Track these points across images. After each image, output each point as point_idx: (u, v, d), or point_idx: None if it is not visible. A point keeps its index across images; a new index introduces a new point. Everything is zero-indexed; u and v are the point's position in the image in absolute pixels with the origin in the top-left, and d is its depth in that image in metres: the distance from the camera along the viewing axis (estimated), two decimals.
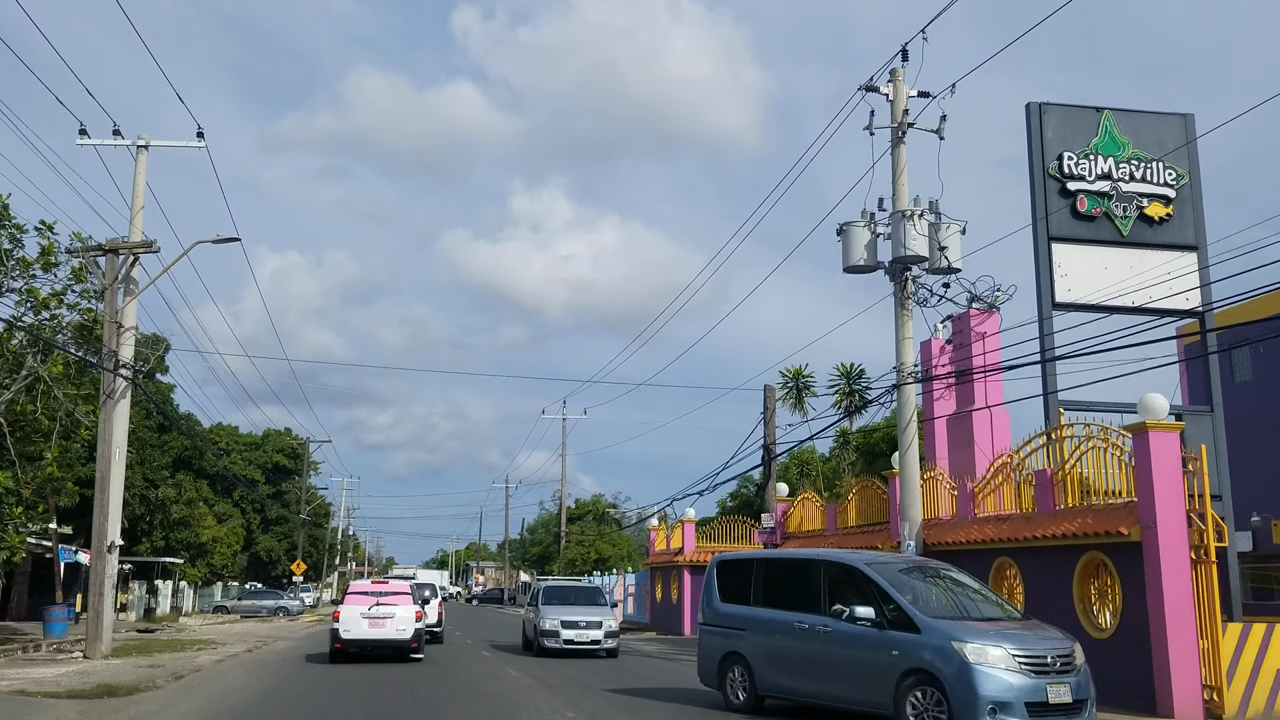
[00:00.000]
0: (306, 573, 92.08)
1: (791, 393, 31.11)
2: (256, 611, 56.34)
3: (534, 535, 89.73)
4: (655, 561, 41.81)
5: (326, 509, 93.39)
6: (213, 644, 30.97)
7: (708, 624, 15.58)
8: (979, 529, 19.18)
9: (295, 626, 45.23)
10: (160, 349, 50.79)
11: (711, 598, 15.56)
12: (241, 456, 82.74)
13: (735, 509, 46.68)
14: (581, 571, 61.01)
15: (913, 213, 21.06)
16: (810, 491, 29.33)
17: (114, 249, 24.58)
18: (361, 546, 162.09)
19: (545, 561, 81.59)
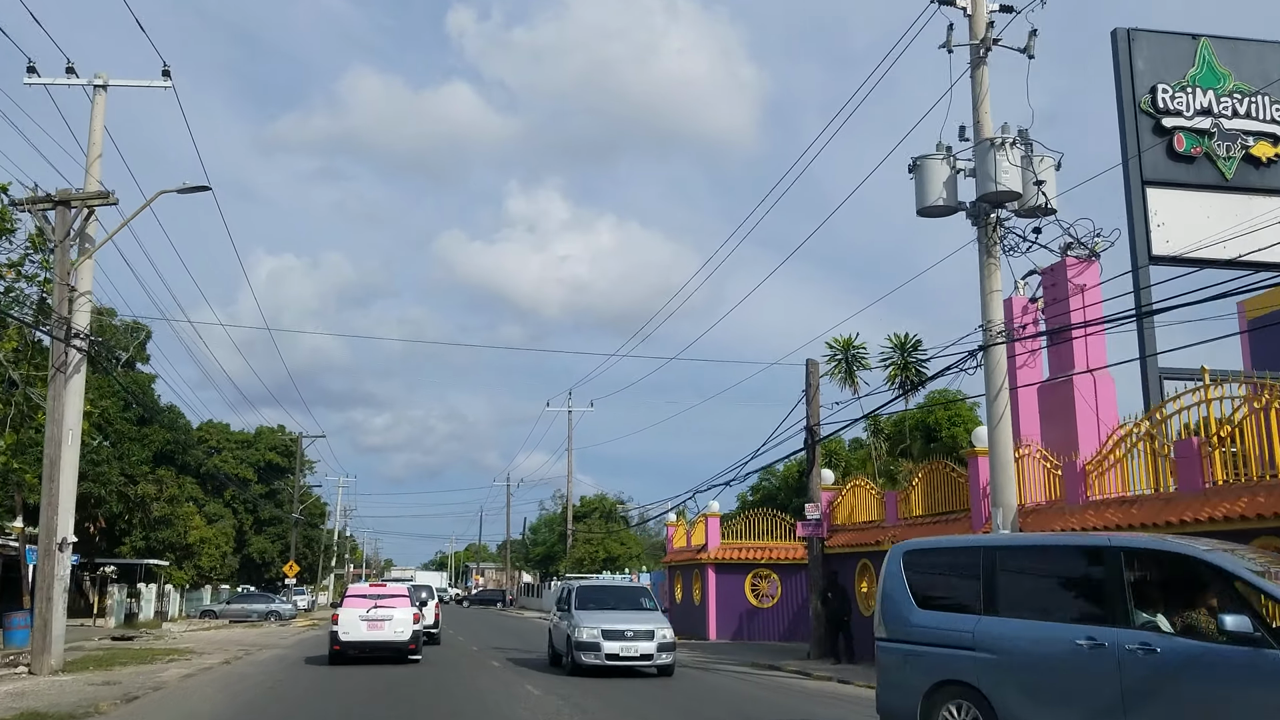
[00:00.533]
0: (301, 575, 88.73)
1: (839, 367, 27.55)
2: (246, 616, 52.87)
3: (537, 535, 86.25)
4: (674, 560, 38.42)
5: (322, 509, 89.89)
6: (189, 654, 27.60)
7: (897, 640, 10.37)
8: (1096, 514, 15.81)
9: (285, 632, 41.81)
10: (140, 336, 47.40)
11: (899, 603, 10.48)
12: (233, 455, 79.24)
13: (757, 503, 43.35)
14: (589, 571, 57.56)
15: (1003, 140, 17.67)
16: (863, 478, 25.90)
17: (65, 200, 21.17)
18: (359, 548, 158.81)
19: (550, 562, 78.13)
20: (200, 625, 47.05)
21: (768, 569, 33.91)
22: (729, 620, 34.17)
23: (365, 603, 22.78)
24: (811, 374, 25.55)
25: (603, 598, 22.14)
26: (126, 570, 50.73)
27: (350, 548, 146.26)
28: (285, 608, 54.30)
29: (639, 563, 57.06)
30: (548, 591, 74.72)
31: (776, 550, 33.97)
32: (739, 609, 34.02)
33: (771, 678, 21.34)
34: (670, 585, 39.27)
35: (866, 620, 23.41)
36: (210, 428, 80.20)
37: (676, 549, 38.96)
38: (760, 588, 34.04)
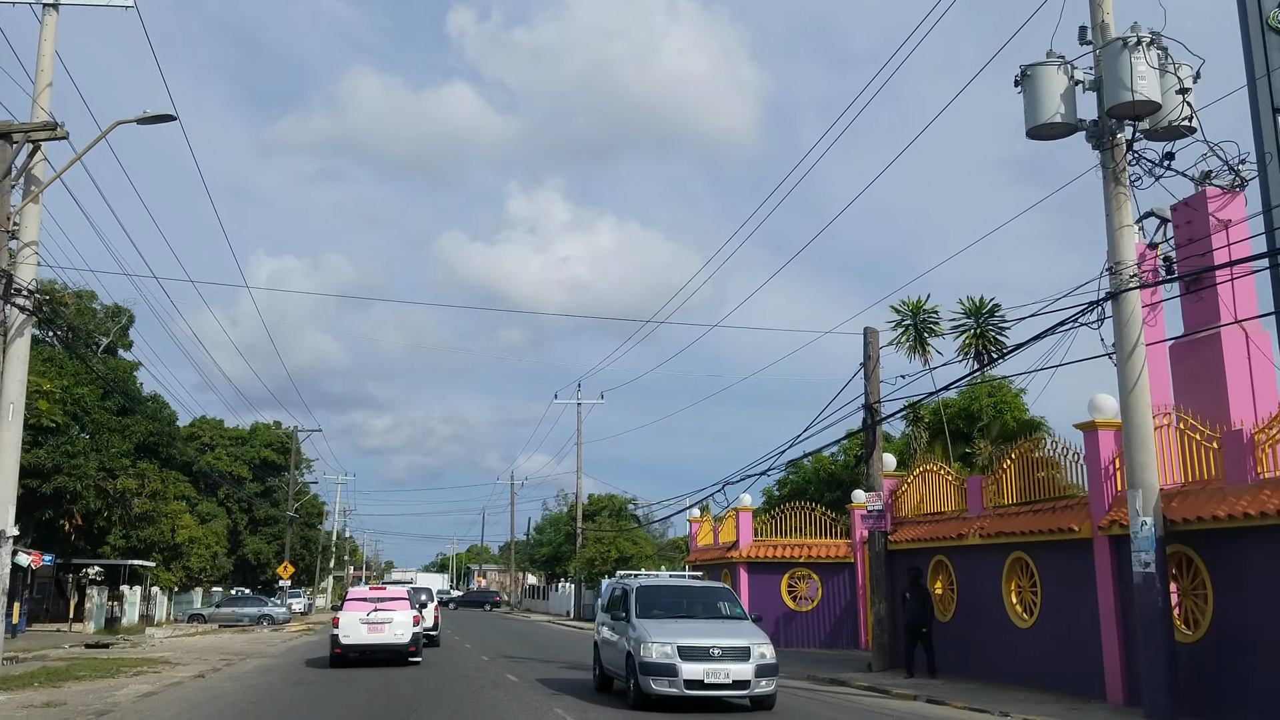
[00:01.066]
0: (298, 577, 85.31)
1: (907, 334, 24.03)
2: (237, 620, 49.56)
3: (542, 534, 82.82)
4: (700, 559, 35.06)
5: (319, 509, 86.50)
6: (161, 664, 24.29)
7: None
8: (1274, 494, 12.47)
9: (276, 638, 38.48)
10: (122, 320, 44.09)
11: None
12: (226, 452, 75.93)
13: (785, 498, 39.97)
14: (601, 572, 54.17)
15: (1137, 40, 14.34)
16: (935, 462, 22.50)
17: (5, 133, 17.85)
18: (359, 550, 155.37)
19: (556, 562, 74.73)
20: (186, 630, 43.71)
21: (806, 568, 30.59)
22: (764, 625, 30.74)
23: (365, 606, 22.76)
24: (870, 344, 22.21)
25: (673, 601, 17.17)
26: (112, 571, 47.45)
27: (350, 549, 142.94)
28: (278, 611, 50.98)
29: (653, 563, 53.67)
30: (554, 594, 71.27)
31: (816, 548, 30.63)
32: (775, 612, 30.67)
33: (841, 695, 18.01)
34: None
35: (944, 626, 20.07)
36: (203, 424, 76.91)
37: (702, 547, 35.61)
38: (799, 589, 30.70)
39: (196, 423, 76.93)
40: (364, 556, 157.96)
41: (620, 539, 55.18)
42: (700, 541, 36.06)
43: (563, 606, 66.66)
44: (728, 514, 33.60)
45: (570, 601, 62.76)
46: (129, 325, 44.48)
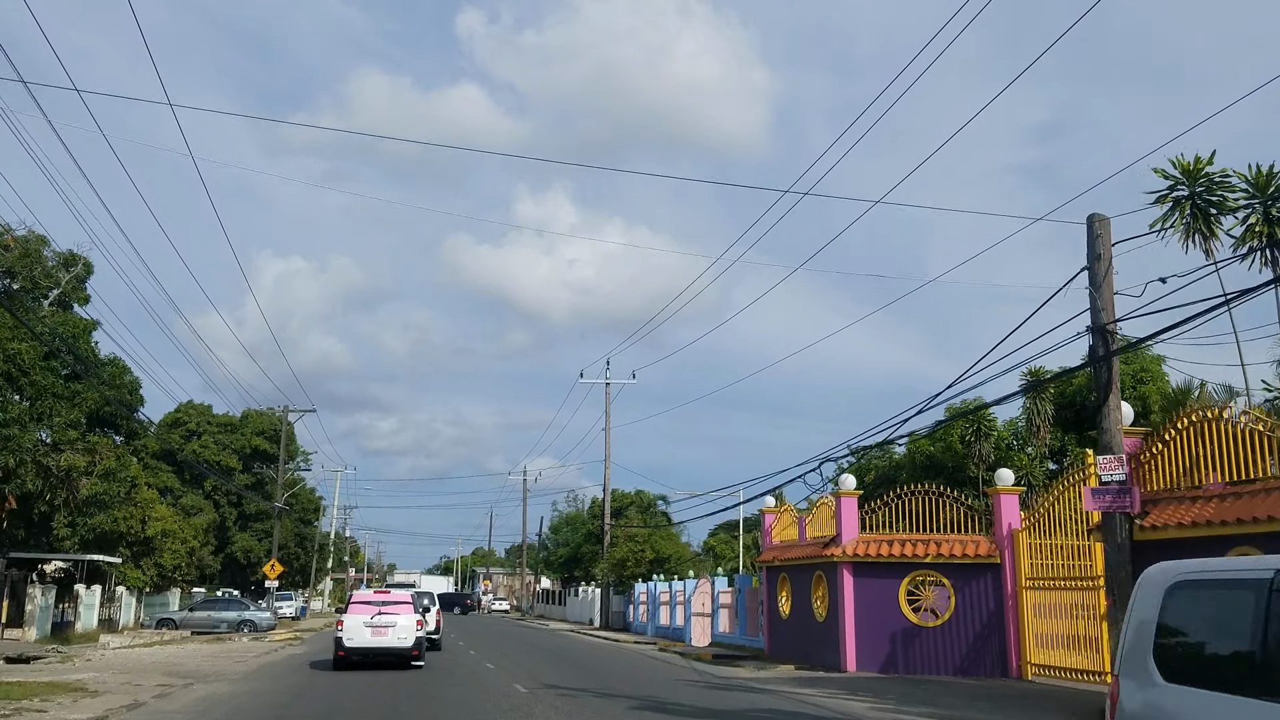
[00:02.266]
0: (292, 578, 77.91)
1: (1181, 209, 16.21)
2: (213, 627, 42.24)
3: (558, 534, 75.32)
4: (780, 559, 27.65)
5: (316, 503, 79.06)
6: (78, 691, 17.53)
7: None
8: None
9: (252, 650, 31.17)
10: (76, 268, 36.82)
11: None
12: (214, 440, 68.80)
13: (873, 486, 32.75)
14: (633, 575, 46.80)
15: None
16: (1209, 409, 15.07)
17: None
18: (361, 551, 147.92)
19: (575, 564, 67.26)
20: (149, 639, 36.37)
21: (933, 571, 23.20)
22: (876, 643, 23.49)
23: (369, 609, 22.71)
24: (1100, 238, 14.84)
25: None
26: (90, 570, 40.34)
27: (351, 550, 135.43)
28: (262, 616, 43.62)
29: (700, 566, 46.30)
30: (573, 599, 63.81)
31: (948, 544, 23.24)
32: (890, 628, 23.35)
33: None
34: (769, 593, 28.54)
35: None
36: (190, 409, 69.74)
37: (782, 544, 28.22)
38: (923, 597, 23.30)
39: (182, 408, 69.76)
40: (366, 558, 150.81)
41: (657, 537, 47.77)
42: (778, 536, 28.69)
43: (584, 613, 59.18)
44: (820, 502, 26.24)
45: (594, 608, 55.33)
46: (85, 277, 37.24)
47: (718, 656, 28.27)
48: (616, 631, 46.25)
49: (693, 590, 36.93)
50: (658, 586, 42.19)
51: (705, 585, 35.78)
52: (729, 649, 30.66)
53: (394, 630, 22.30)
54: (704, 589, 35.78)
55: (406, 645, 22.28)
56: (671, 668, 25.46)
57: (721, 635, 33.54)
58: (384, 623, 22.39)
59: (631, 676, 22.51)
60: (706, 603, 35.24)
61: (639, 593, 45.82)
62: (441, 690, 18.21)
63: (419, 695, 17.34)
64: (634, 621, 46.46)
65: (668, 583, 40.88)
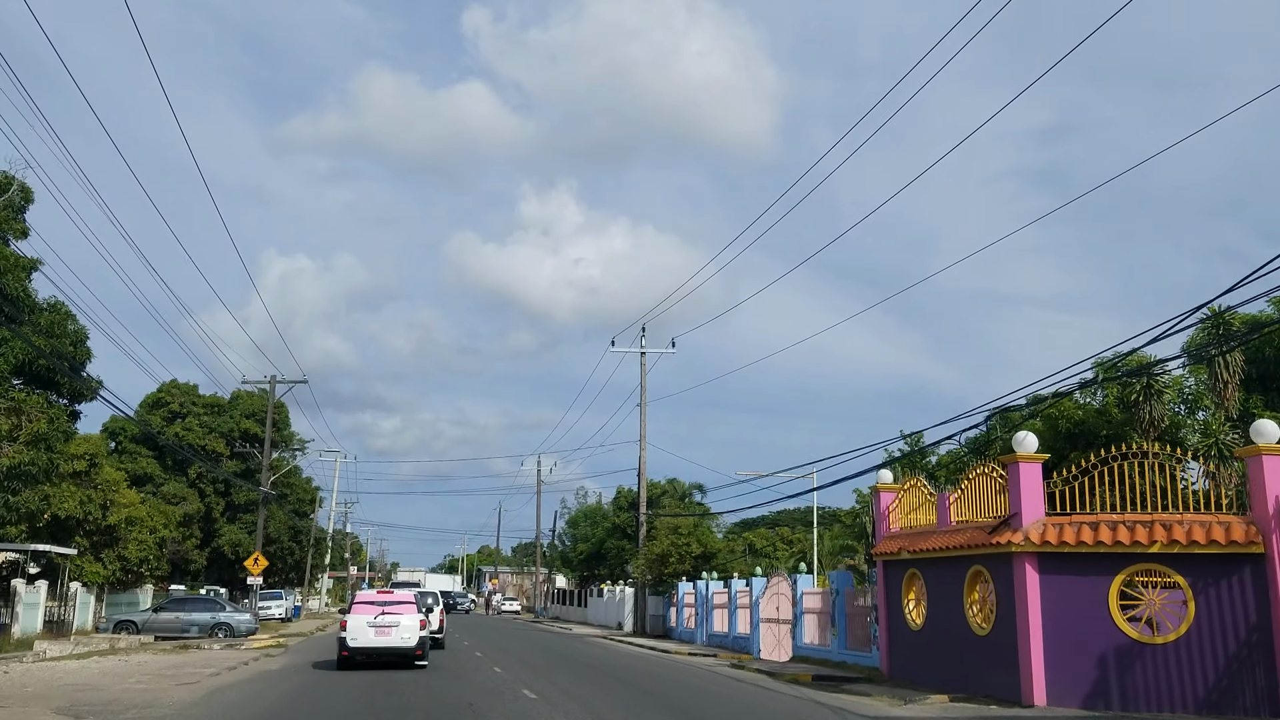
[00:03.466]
0: (285, 574, 70.81)
1: None
2: (181, 630, 35.27)
3: (576, 529, 68.16)
4: (909, 549, 20.49)
5: (312, 494, 71.94)
6: None
7: None
8: None
9: (217, 662, 24.18)
10: (9, 192, 29.80)
11: None
12: (199, 422, 61.70)
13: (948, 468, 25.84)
14: (675, 573, 39.71)
15: None
16: None
17: None
18: (364, 549, 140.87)
19: (598, 562, 60.17)
20: (96, 646, 29.37)
21: (1160, 564, 16.18)
22: (1075, 667, 16.47)
23: (373, 609, 22.55)
24: None
25: None
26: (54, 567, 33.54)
27: (353, 548, 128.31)
28: (240, 618, 36.56)
29: (778, 560, 39.12)
30: (597, 600, 56.70)
31: (1180, 527, 16.19)
32: (1097, 645, 16.35)
33: None
34: (891, 596, 21.47)
35: None
36: (174, 389, 62.59)
37: (910, 531, 21.05)
38: (1144, 602, 16.26)
39: (165, 388, 62.62)
40: (368, 556, 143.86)
41: (703, 529, 40.69)
42: (902, 521, 21.57)
43: (611, 616, 52.12)
44: (974, 473, 19.19)
45: (623, 610, 48.28)
46: (23, 206, 30.23)
47: (821, 679, 21.23)
48: (656, 639, 39.19)
49: (762, 591, 29.88)
50: (710, 586, 35.12)
51: (780, 585, 28.69)
52: (826, 667, 23.58)
53: (397, 630, 22.17)
54: (778, 590, 28.70)
55: (410, 645, 22.19)
56: (772, 695, 18.48)
57: (807, 647, 26.44)
58: (387, 623, 22.25)
59: (733, 710, 15.49)
60: (784, 607, 28.16)
61: (683, 593, 38.76)
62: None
63: None
64: (678, 627, 39.38)
65: (724, 581, 33.80)
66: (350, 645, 22.19)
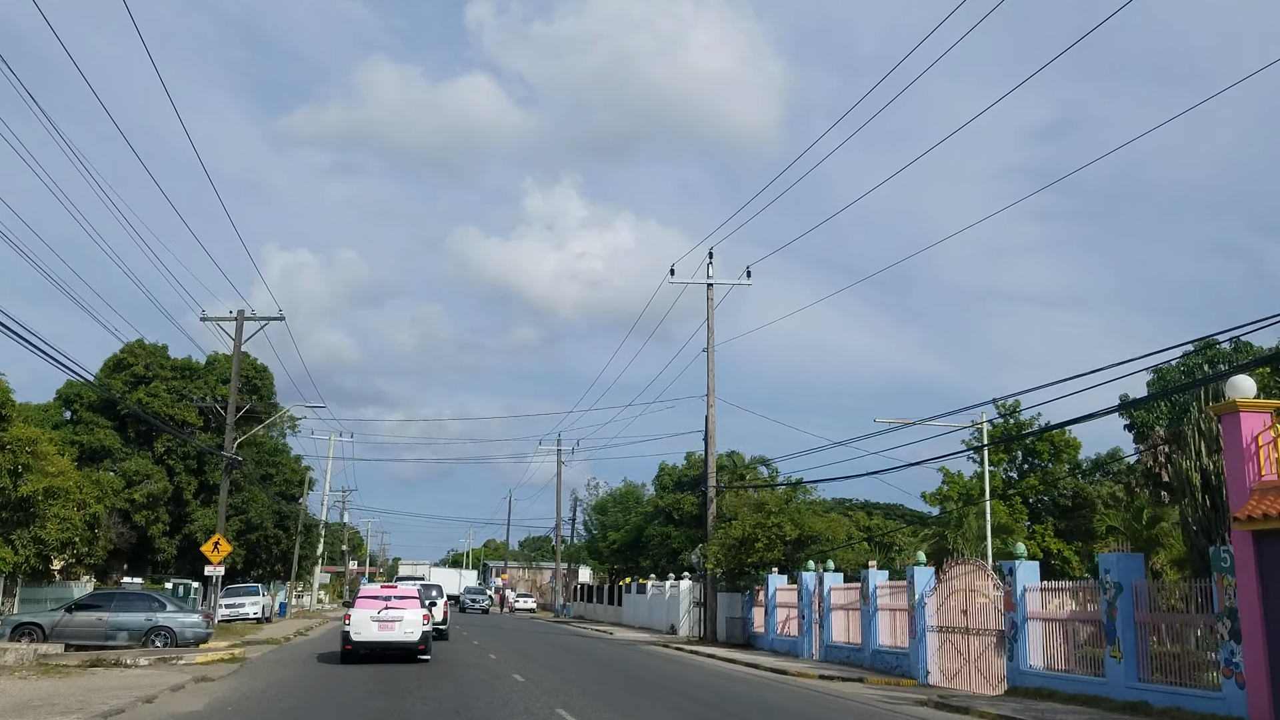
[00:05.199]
0: (271, 566, 61.06)
1: None
2: (105, 637, 25.64)
3: (605, 516, 58.39)
4: None
5: (302, 475, 62.09)
6: None
7: None
8: None
9: (125, 690, 14.60)
10: None
11: None
12: (168, 388, 51.96)
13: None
14: (760, 563, 30.01)
15: None
16: None
17: None
18: (365, 543, 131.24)
19: (638, 551, 50.40)
20: None
21: None
22: None
23: (377, 604, 22.32)
24: None
25: None
26: None
27: (353, 542, 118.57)
28: (187, 621, 26.73)
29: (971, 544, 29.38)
30: (635, 598, 47.04)
31: None
32: None
33: None
34: (1268, 591, 11.82)
35: None
36: (138, 349, 52.55)
37: None
38: None
39: (129, 348, 52.55)
40: (369, 550, 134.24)
41: (803, 509, 31.07)
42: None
43: (655, 617, 42.53)
44: None
45: (675, 610, 38.70)
46: None
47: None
48: (735, 647, 29.54)
49: (930, 586, 20.19)
50: (827, 580, 25.33)
51: (972, 577, 18.95)
52: (1113, 711, 13.84)
53: (401, 625, 21.82)
54: (969, 583, 18.95)
55: (413, 640, 21.79)
56: None
57: (1040, 674, 16.71)
58: (391, 617, 21.88)
59: None
60: (981, 610, 18.43)
61: (774, 589, 29.05)
62: None
63: None
64: (767, 633, 29.68)
65: (863, 573, 23.91)
66: (354, 640, 21.81)
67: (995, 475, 48.24)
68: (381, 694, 16.21)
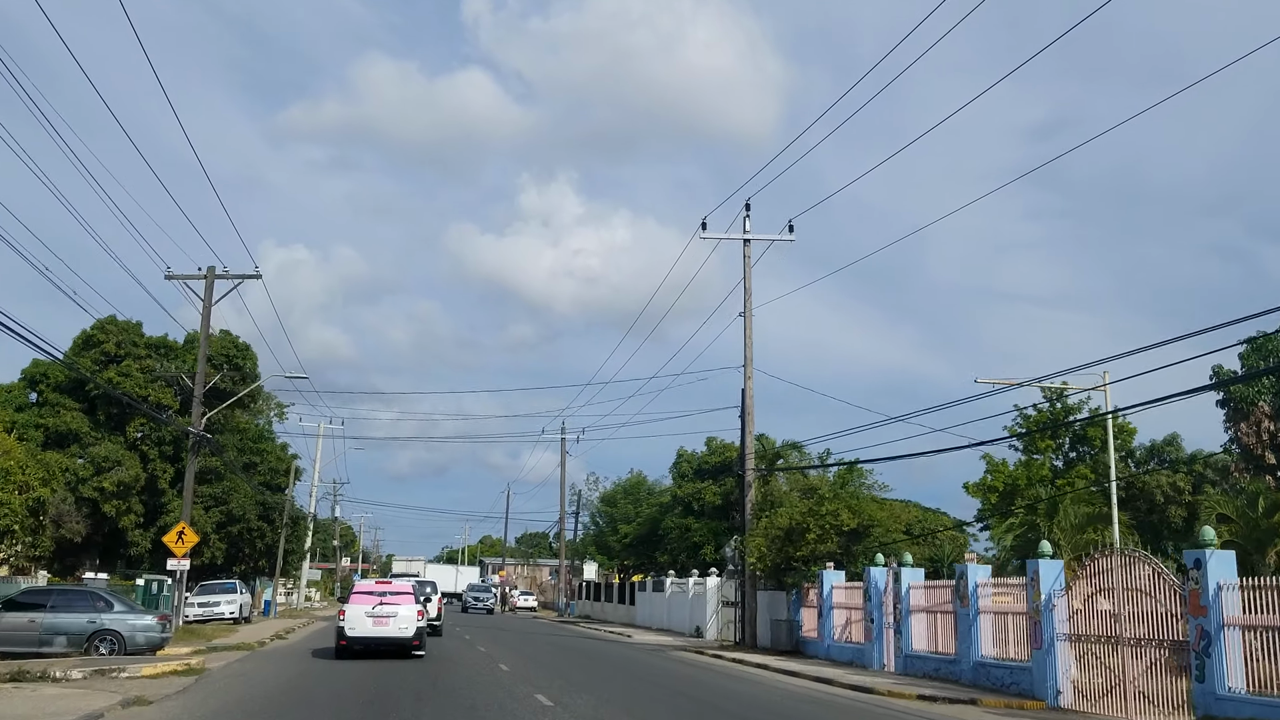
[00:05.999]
0: (255, 561, 56.57)
1: None
2: (38, 644, 21.32)
3: (615, 508, 54.00)
4: None
5: (288, 463, 57.57)
6: None
7: None
8: None
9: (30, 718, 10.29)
10: None
11: None
12: (141, 367, 47.48)
13: None
14: (817, 556, 25.68)
15: None
16: None
17: None
18: (357, 539, 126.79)
19: (654, 545, 46.02)
20: None
21: None
22: None
23: (371, 599, 22.15)
24: None
25: None
26: None
27: (345, 538, 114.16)
28: (140, 623, 22.31)
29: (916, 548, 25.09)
30: (651, 596, 42.71)
31: None
32: None
33: None
34: None
35: None
36: (110, 326, 47.89)
37: None
38: None
39: (100, 324, 47.95)
40: (362, 546, 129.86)
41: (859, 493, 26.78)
42: None
43: (675, 618, 38.26)
44: None
45: (702, 610, 34.39)
46: None
47: None
48: (782, 655, 25.25)
49: (1056, 585, 15.91)
50: (906, 578, 21.00)
51: (1127, 572, 14.64)
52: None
53: (395, 620, 21.66)
54: (1116, 580, 14.64)
55: (408, 635, 21.66)
56: None
57: (1238, 697, 12.44)
58: (385, 613, 21.72)
59: None
60: (1137, 619, 14.11)
61: (829, 587, 24.71)
62: None
63: None
64: (822, 640, 25.26)
65: (958, 568, 19.53)
66: (348, 635, 21.69)
67: (1042, 464, 44.12)
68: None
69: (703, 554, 41.67)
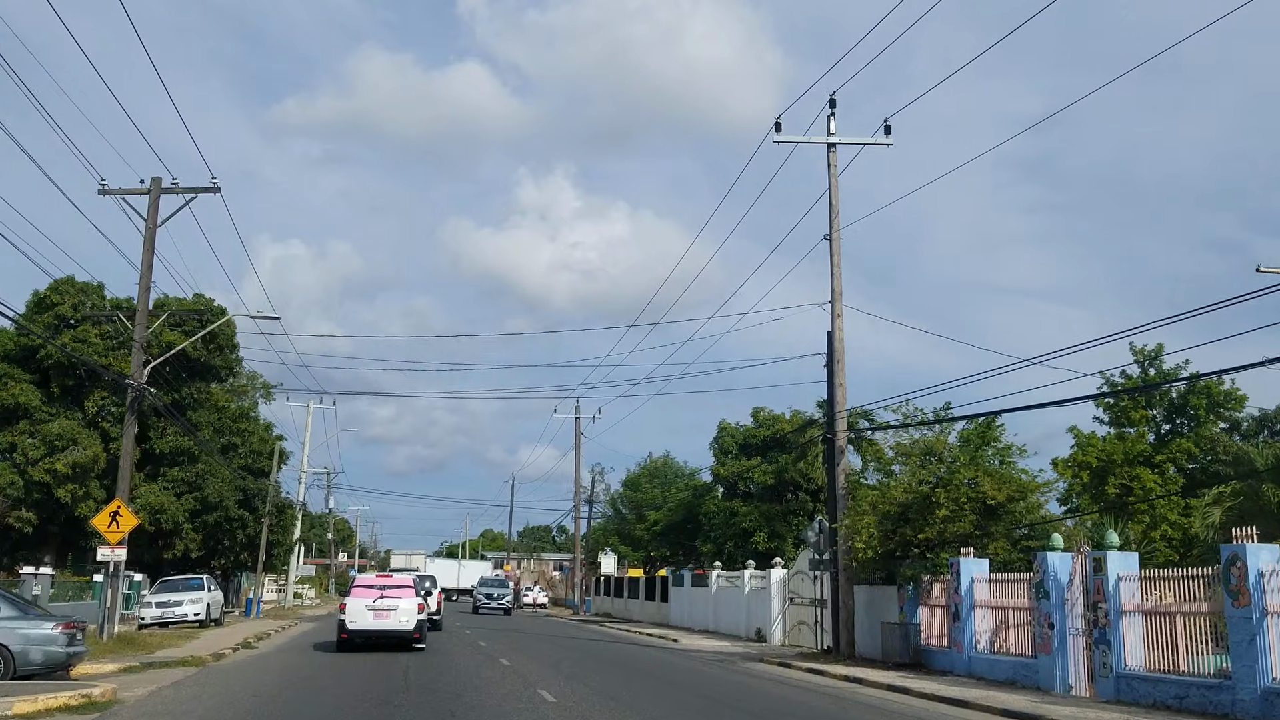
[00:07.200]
0: (236, 554, 50.03)
1: None
2: None
3: (639, 493, 47.62)
4: None
5: (272, 444, 51.04)
6: None
7: None
8: None
9: None
10: None
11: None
12: (100, 333, 41.21)
13: None
14: (943, 540, 19.35)
15: None
16: None
17: None
18: (354, 533, 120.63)
19: (685, 534, 39.67)
20: None
21: None
22: None
23: (372, 592, 22.32)
24: None
25: None
26: None
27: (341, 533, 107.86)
28: (36, 634, 15.92)
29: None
30: (690, 592, 36.40)
31: None
32: None
33: None
34: None
35: None
36: (67, 287, 41.42)
37: None
38: None
39: (57, 284, 41.47)
40: (359, 541, 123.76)
41: (983, 457, 20.59)
42: None
43: (722, 618, 32.07)
44: None
45: (764, 608, 28.11)
46: None
47: None
48: (901, 670, 18.99)
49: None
50: (1114, 566, 14.68)
51: None
52: None
53: (396, 613, 21.70)
54: None
55: (408, 628, 21.69)
56: None
57: None
58: (386, 606, 21.77)
59: None
60: None
61: (969, 581, 18.41)
62: None
63: None
64: (962, 650, 18.81)
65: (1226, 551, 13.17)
66: (349, 628, 21.60)
67: (1136, 438, 38.06)
68: None
69: (753, 542, 35.37)
